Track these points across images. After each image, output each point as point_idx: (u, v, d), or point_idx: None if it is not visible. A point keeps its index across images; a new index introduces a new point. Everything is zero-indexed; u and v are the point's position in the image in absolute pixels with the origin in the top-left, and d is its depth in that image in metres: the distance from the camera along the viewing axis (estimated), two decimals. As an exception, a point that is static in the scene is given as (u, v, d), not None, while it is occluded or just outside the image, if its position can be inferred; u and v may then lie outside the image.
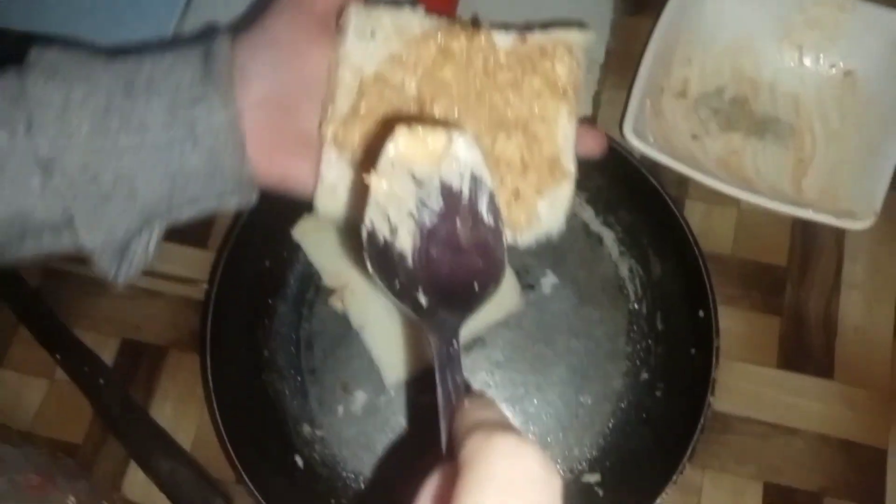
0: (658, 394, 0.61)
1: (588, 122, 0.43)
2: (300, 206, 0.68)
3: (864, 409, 0.62)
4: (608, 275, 0.66)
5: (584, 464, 0.61)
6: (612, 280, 0.66)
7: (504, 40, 0.42)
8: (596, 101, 0.72)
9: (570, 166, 0.42)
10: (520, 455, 0.25)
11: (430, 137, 0.34)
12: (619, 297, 0.65)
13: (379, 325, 0.64)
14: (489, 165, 0.40)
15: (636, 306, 0.65)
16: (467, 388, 0.33)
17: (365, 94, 0.40)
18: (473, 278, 0.36)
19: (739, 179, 0.66)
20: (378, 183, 0.35)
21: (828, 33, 0.68)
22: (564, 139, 0.41)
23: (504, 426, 0.27)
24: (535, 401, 0.63)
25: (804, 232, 0.67)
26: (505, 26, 0.43)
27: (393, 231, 0.35)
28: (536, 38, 0.42)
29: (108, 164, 0.36)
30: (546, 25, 0.44)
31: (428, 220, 0.35)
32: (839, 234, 0.67)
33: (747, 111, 0.69)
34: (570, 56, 0.42)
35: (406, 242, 0.35)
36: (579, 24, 0.45)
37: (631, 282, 0.65)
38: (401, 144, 0.34)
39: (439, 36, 0.41)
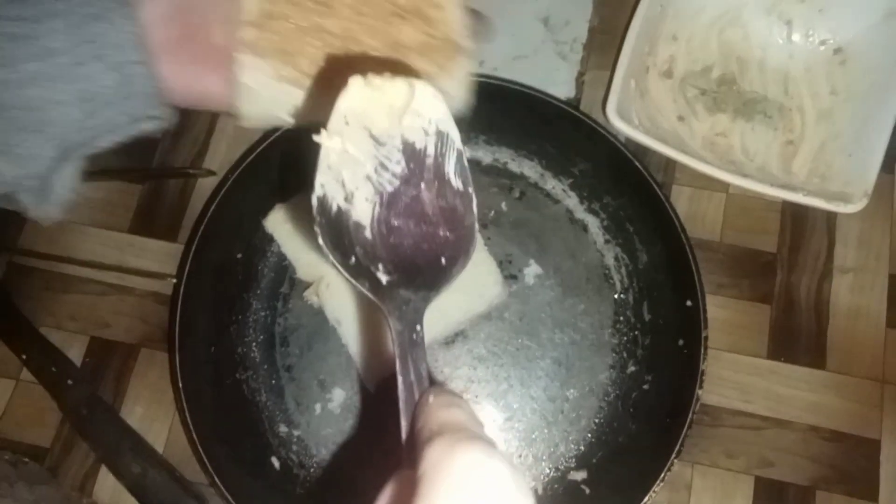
0: (646, 387, 0.59)
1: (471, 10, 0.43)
2: (273, 196, 0.66)
3: (856, 399, 0.60)
4: (593, 263, 0.63)
5: (570, 461, 0.59)
6: (597, 269, 0.63)
7: None
8: (579, 83, 0.69)
9: (465, 42, 0.41)
10: (486, 472, 0.23)
11: (389, 88, 0.31)
12: (605, 287, 0.63)
13: (356, 320, 0.61)
14: (395, 51, 0.37)
15: (622, 296, 0.62)
16: (431, 380, 0.30)
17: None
18: (440, 252, 0.32)
19: (727, 162, 0.64)
20: (330, 142, 0.31)
21: (818, 7, 0.65)
22: (455, 19, 0.40)
23: (471, 433, 0.25)
24: (520, 395, 0.61)
25: (794, 215, 0.65)
26: None
27: (348, 197, 0.31)
28: None
29: (18, 93, 0.35)
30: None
31: (388, 184, 0.31)
32: (830, 216, 0.64)
33: (735, 91, 0.67)
34: None
35: (363, 210, 0.31)
36: None
37: (617, 271, 0.63)
38: (355, 97, 0.30)
39: None
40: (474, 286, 0.62)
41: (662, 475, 0.52)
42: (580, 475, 0.58)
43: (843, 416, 0.60)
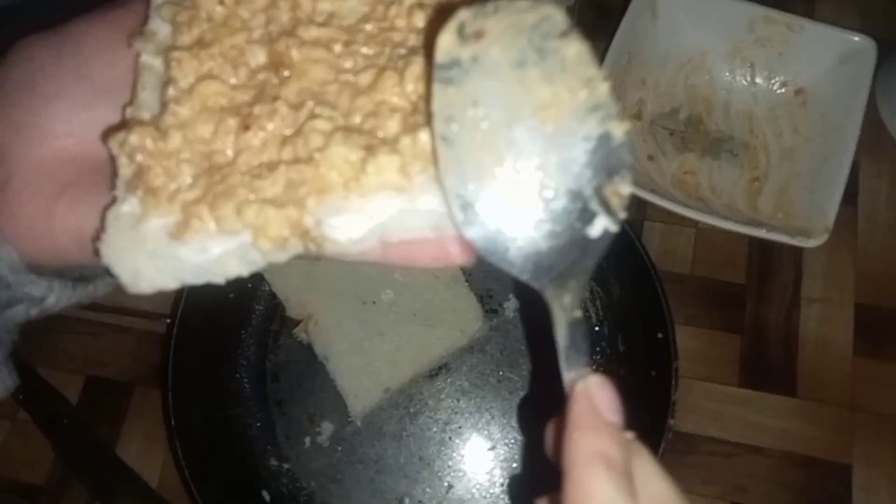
0: (621, 416, 0.61)
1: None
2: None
3: (826, 426, 0.62)
4: (570, 297, 0.66)
5: (551, 491, 0.61)
6: (574, 303, 0.66)
7: None
8: (555, 125, 0.72)
9: None
10: None
11: None
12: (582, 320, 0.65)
13: (343, 354, 0.64)
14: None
15: (598, 328, 0.65)
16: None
17: (180, 69, 0.28)
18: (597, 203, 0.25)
19: (695, 199, 0.67)
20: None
21: (778, 51, 0.69)
22: None
23: (620, 474, 0.24)
24: (501, 426, 0.63)
25: (762, 248, 0.68)
26: None
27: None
28: None
29: None
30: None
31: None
32: (797, 250, 0.67)
33: (702, 131, 0.70)
34: None
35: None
36: None
37: (592, 304, 0.65)
38: None
39: None
40: (456, 321, 0.64)
41: None
42: (560, 504, 0.60)
43: (815, 442, 0.62)
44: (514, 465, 0.62)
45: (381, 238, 0.26)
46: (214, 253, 0.26)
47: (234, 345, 0.66)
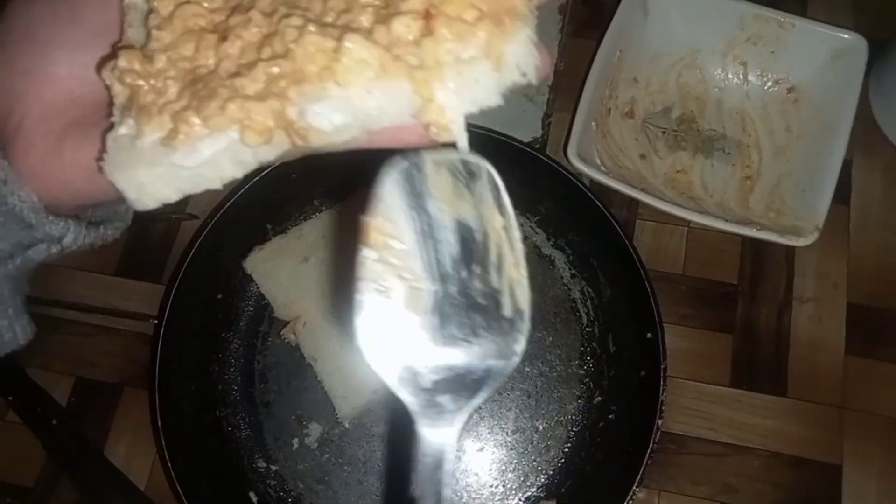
0: (611, 416, 0.61)
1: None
2: (252, 238, 0.68)
3: (817, 426, 0.62)
4: (561, 297, 0.66)
5: (539, 490, 0.60)
6: (564, 302, 0.66)
7: None
8: (546, 124, 0.72)
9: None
10: None
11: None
12: (572, 320, 0.65)
13: (331, 356, 0.63)
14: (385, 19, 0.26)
15: (589, 329, 0.64)
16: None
17: (160, 1, 0.29)
18: (485, 350, 0.28)
19: (687, 198, 0.66)
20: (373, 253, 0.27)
21: (770, 49, 0.68)
22: None
23: None
24: (490, 427, 0.63)
25: (754, 247, 0.67)
26: None
27: (395, 292, 0.27)
28: None
29: None
30: None
31: (443, 268, 0.27)
32: (789, 249, 0.67)
33: (694, 129, 0.70)
34: None
35: (416, 301, 0.27)
36: None
37: (583, 304, 0.65)
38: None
39: None
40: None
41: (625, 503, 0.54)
42: (549, 505, 0.59)
43: (805, 442, 0.61)
44: (504, 465, 0.61)
45: (364, 126, 0.27)
46: (206, 154, 0.27)
47: (222, 346, 0.66)
